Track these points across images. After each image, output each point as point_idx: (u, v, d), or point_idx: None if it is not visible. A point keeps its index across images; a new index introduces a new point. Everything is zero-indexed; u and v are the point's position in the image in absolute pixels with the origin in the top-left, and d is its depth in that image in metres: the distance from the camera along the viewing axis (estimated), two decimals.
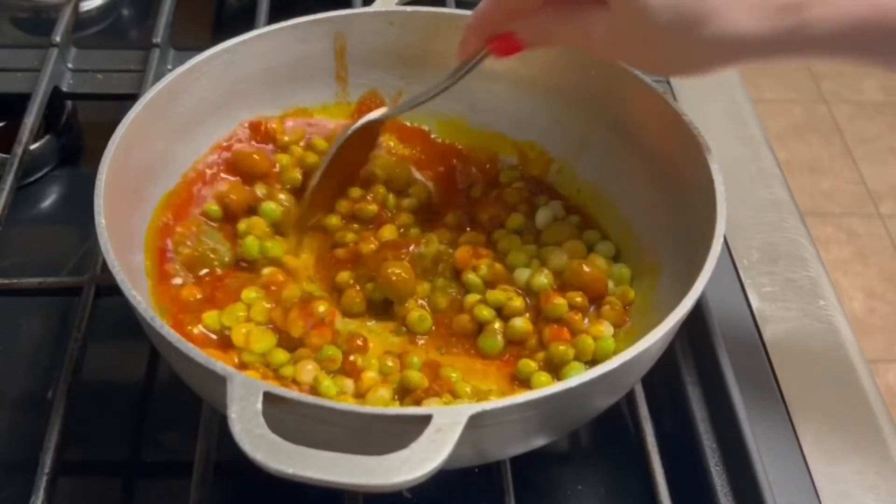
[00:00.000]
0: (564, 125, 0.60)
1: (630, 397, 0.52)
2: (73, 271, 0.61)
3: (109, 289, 0.55)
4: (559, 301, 0.52)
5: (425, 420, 0.37)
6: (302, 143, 0.61)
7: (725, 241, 0.63)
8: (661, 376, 0.54)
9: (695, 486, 0.51)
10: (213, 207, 0.56)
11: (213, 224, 0.56)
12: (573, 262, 0.54)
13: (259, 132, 0.60)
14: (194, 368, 0.40)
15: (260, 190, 0.57)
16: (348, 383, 0.49)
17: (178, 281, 0.53)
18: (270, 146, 0.60)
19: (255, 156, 0.58)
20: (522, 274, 0.54)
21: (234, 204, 0.56)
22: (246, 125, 0.60)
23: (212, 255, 0.54)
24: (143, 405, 0.56)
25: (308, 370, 0.49)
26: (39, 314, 0.60)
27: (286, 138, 0.60)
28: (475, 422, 0.37)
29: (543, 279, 0.53)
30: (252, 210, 0.57)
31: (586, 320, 0.52)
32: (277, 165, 0.59)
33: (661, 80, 0.74)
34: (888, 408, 0.56)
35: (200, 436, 0.49)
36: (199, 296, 0.52)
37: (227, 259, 0.55)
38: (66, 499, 0.50)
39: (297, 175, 0.58)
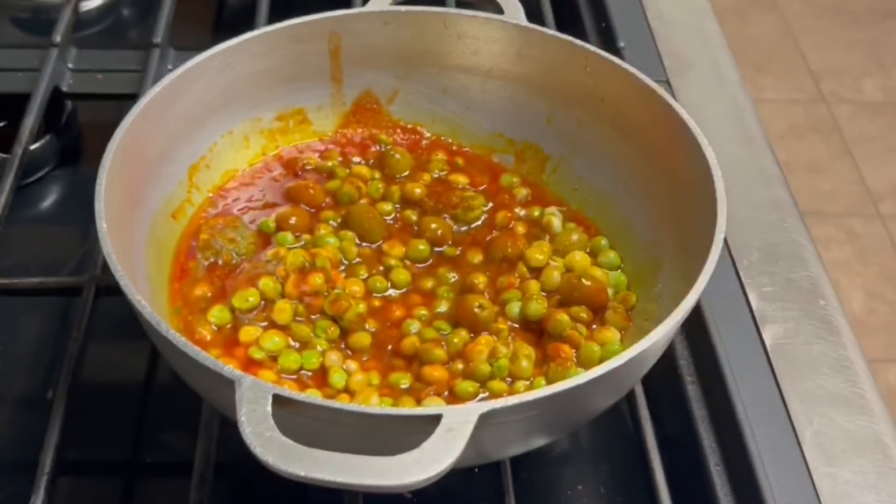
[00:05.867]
0: (560, 123, 0.60)
1: (630, 397, 0.52)
2: (73, 271, 0.61)
3: (109, 289, 0.55)
4: (561, 317, 0.51)
5: (435, 420, 0.37)
6: (340, 160, 0.61)
7: (725, 242, 0.63)
8: (662, 376, 0.54)
9: (695, 486, 0.52)
10: (270, 224, 0.57)
11: (248, 225, 0.56)
12: (571, 277, 0.54)
13: (295, 166, 0.61)
14: (201, 372, 0.40)
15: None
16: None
17: (198, 277, 0.54)
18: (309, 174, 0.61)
19: (310, 191, 0.59)
20: (513, 307, 0.53)
21: (296, 228, 0.56)
22: (277, 161, 0.61)
23: (230, 246, 0.54)
24: (143, 405, 0.56)
25: (332, 359, 0.50)
26: (39, 314, 0.60)
27: (329, 164, 0.61)
28: (483, 421, 0.38)
29: (535, 306, 0.52)
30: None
31: (593, 327, 0.52)
32: (328, 198, 0.59)
33: (660, 80, 0.74)
34: (889, 408, 0.56)
35: (200, 436, 0.49)
36: (209, 294, 0.52)
37: (244, 249, 0.55)
38: (66, 499, 0.51)
39: (353, 190, 0.59)
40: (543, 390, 0.40)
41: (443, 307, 0.53)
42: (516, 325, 0.52)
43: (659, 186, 0.55)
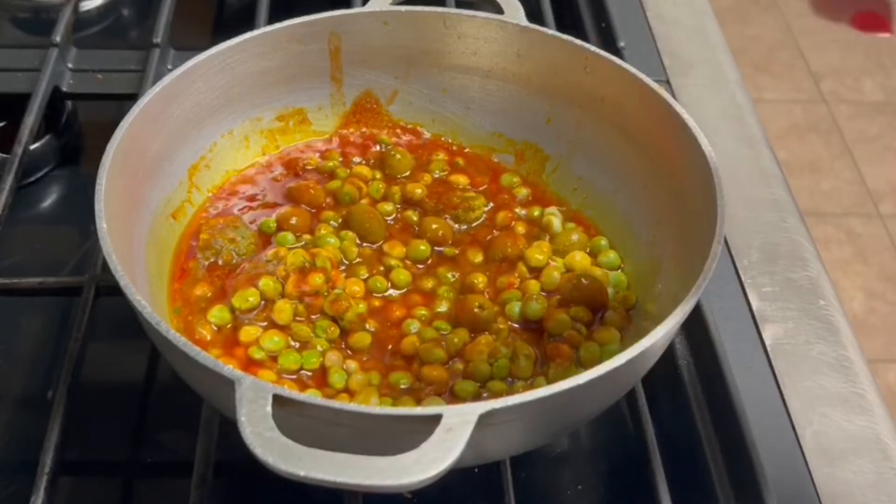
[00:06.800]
0: (560, 123, 0.60)
1: (630, 397, 0.52)
2: (73, 271, 0.61)
3: (109, 289, 0.55)
4: (561, 317, 0.52)
5: (435, 420, 0.37)
6: (340, 160, 0.61)
7: (725, 241, 0.63)
8: (662, 376, 0.54)
9: (695, 486, 0.52)
10: (271, 224, 0.57)
11: (248, 224, 0.56)
12: (571, 277, 0.54)
13: (296, 167, 0.61)
14: (201, 372, 0.40)
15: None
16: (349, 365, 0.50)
17: (198, 277, 0.54)
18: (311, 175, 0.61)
19: (311, 191, 0.59)
20: (513, 307, 0.53)
21: (296, 228, 0.56)
22: (277, 161, 0.61)
23: (230, 246, 0.54)
24: (143, 405, 0.56)
25: (332, 358, 0.50)
26: (39, 314, 0.60)
27: (330, 164, 0.61)
28: (483, 421, 0.38)
29: (535, 306, 0.52)
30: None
31: (593, 327, 0.52)
32: (328, 198, 0.59)
33: (660, 80, 0.74)
34: (889, 408, 0.56)
35: (200, 436, 0.49)
36: (209, 294, 0.52)
37: (244, 249, 0.55)
38: (66, 499, 0.50)
39: (354, 190, 0.59)
40: (543, 390, 0.39)
41: (443, 307, 0.53)
42: (516, 325, 0.52)
43: (659, 186, 0.55)
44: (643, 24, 0.81)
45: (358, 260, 0.55)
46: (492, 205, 0.59)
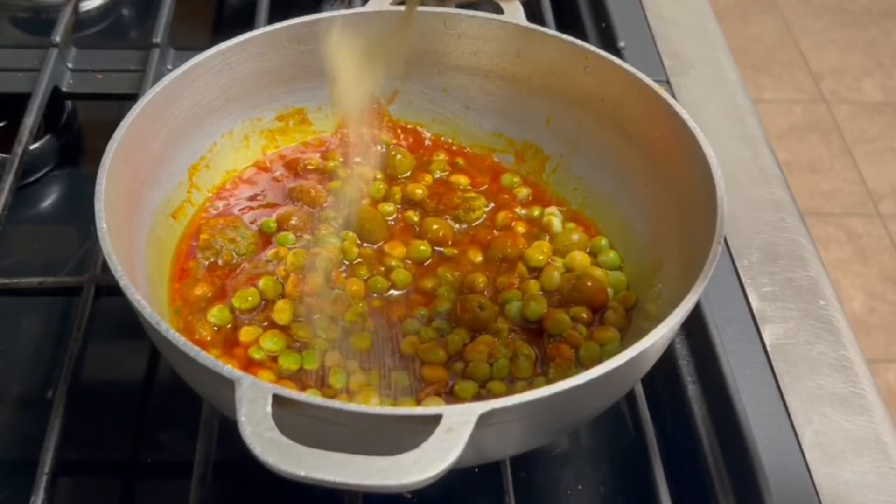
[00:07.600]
0: (560, 123, 0.60)
1: (630, 397, 0.52)
2: (73, 271, 0.61)
3: (109, 289, 0.55)
4: (561, 317, 0.52)
5: (435, 420, 0.37)
6: (341, 160, 0.62)
7: (725, 241, 0.63)
8: (662, 376, 0.54)
9: (695, 486, 0.52)
10: (271, 224, 0.57)
11: (248, 225, 0.57)
12: (571, 277, 0.54)
13: (296, 167, 0.61)
14: (201, 372, 0.40)
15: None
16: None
17: (198, 277, 0.54)
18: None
19: (312, 191, 0.59)
20: (513, 307, 0.53)
21: (297, 228, 0.57)
22: (278, 161, 0.61)
23: (230, 246, 0.54)
24: (143, 405, 0.56)
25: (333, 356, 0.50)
26: (39, 314, 0.60)
27: (331, 164, 0.61)
28: (483, 421, 0.38)
29: (535, 306, 0.52)
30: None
31: (593, 327, 0.52)
32: (329, 198, 0.59)
33: (660, 80, 0.74)
34: (889, 408, 0.56)
35: (200, 436, 0.49)
36: (210, 294, 0.53)
37: (244, 249, 0.55)
38: (66, 499, 0.51)
39: (355, 190, 0.59)
40: (543, 390, 0.39)
41: (443, 307, 0.53)
42: (516, 326, 0.52)
43: (659, 186, 0.55)
44: (643, 24, 0.81)
45: (358, 260, 0.55)
46: (492, 205, 0.59)
